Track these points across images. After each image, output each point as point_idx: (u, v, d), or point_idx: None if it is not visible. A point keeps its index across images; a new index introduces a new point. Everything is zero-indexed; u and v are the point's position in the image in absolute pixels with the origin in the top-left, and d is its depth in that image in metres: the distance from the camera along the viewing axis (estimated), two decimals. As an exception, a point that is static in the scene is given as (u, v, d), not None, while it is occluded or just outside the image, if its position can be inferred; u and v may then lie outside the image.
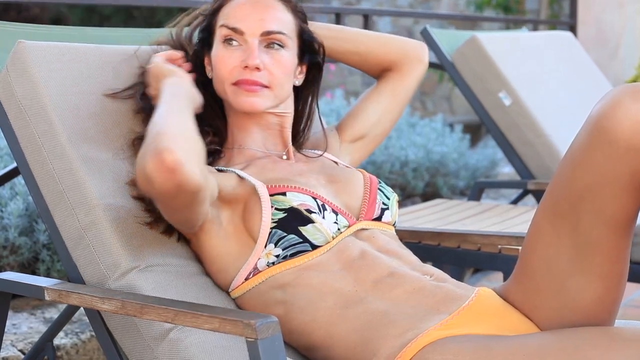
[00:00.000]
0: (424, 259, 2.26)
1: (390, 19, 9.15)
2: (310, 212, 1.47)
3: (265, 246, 1.45)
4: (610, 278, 1.36)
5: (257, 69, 1.54)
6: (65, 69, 1.61)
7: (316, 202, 1.49)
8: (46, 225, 1.58)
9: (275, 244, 1.45)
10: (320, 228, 1.46)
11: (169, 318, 1.31)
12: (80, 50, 1.66)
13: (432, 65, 3.64)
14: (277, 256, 1.45)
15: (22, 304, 2.48)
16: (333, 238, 1.48)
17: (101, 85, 1.64)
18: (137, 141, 1.56)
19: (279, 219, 1.45)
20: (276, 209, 1.46)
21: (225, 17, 1.59)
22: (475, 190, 3.03)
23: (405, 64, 1.80)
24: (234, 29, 1.57)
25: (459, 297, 1.43)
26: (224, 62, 1.57)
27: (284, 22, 1.59)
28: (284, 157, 1.65)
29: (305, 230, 1.45)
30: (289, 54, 1.60)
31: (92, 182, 1.52)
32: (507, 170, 4.87)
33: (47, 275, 2.54)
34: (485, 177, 4.51)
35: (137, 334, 1.46)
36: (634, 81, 4.11)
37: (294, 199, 1.48)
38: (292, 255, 1.45)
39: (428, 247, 2.17)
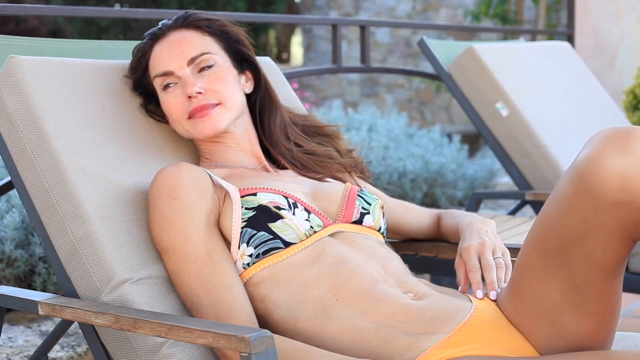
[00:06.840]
0: (421, 271, 2.24)
1: (388, 29, 9.17)
2: (279, 208, 1.48)
3: (239, 247, 1.47)
4: (603, 314, 1.33)
5: (199, 93, 1.61)
6: (57, 84, 1.61)
7: (287, 200, 1.51)
8: (40, 239, 1.58)
9: (247, 243, 1.46)
10: (291, 224, 1.47)
11: (162, 332, 1.30)
12: (72, 65, 1.66)
13: (429, 76, 3.65)
14: (251, 256, 1.46)
15: (18, 317, 2.47)
16: (307, 236, 1.49)
17: (93, 100, 1.65)
18: None
19: (249, 217, 1.47)
20: (246, 208, 1.48)
21: (153, 69, 1.67)
22: (473, 201, 3.01)
23: None
24: (164, 74, 1.64)
25: (453, 314, 1.40)
26: (171, 105, 1.64)
27: (203, 45, 1.66)
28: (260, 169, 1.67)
29: (275, 226, 1.47)
30: (223, 68, 1.65)
31: (84, 195, 1.52)
32: (505, 181, 4.85)
33: (44, 288, 2.53)
34: (483, 188, 4.50)
35: (130, 348, 1.46)
36: (632, 91, 4.10)
37: (264, 198, 1.50)
38: (265, 253, 1.46)
39: (425, 259, 2.16)
